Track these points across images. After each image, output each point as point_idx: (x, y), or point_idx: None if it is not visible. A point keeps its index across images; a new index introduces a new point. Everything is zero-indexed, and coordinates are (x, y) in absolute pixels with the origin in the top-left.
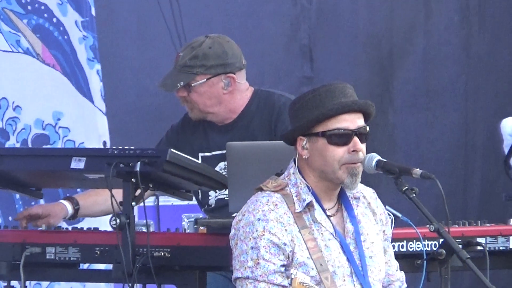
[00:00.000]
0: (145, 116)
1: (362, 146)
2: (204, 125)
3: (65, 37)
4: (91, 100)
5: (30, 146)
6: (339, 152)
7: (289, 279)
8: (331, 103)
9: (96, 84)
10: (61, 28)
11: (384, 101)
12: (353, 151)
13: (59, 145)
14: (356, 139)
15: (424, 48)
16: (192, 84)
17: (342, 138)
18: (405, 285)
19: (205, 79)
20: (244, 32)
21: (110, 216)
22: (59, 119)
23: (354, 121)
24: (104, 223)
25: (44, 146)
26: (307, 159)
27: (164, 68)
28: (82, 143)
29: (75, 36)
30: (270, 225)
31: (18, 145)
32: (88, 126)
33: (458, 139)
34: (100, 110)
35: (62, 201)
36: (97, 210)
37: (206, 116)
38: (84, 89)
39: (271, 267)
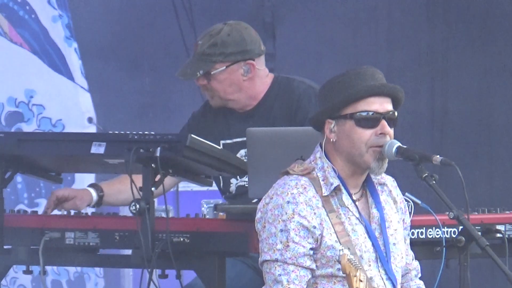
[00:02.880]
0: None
1: (390, 130)
2: (225, 112)
3: (32, 16)
4: (71, 78)
5: (3, 123)
6: (367, 134)
7: (337, 256)
8: (360, 85)
9: (75, 62)
10: (27, 7)
11: None
12: (381, 133)
13: (33, 122)
14: (384, 122)
15: (388, 28)
16: (212, 72)
17: (370, 121)
18: (420, 274)
19: (224, 67)
20: (206, 8)
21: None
22: (31, 97)
23: (382, 104)
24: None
25: (19, 124)
26: (335, 143)
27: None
28: (60, 120)
29: (48, 14)
30: (300, 208)
31: None
32: (67, 103)
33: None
34: (82, 87)
35: (87, 187)
36: (121, 199)
37: (226, 104)
38: (60, 67)
39: (301, 249)
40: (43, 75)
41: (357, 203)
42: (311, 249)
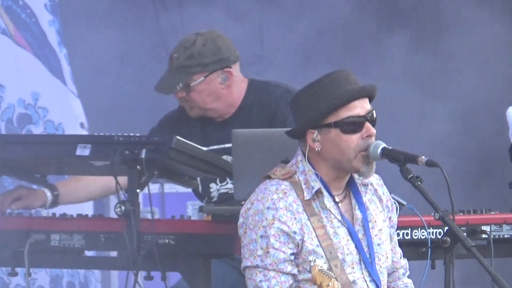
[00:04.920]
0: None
1: (374, 131)
2: (202, 120)
3: (33, 19)
4: (64, 83)
5: (15, 125)
6: (353, 139)
7: (308, 266)
8: (338, 92)
9: (65, 67)
10: (28, 11)
11: None
12: (367, 136)
13: (40, 125)
14: (368, 124)
15: (376, 30)
16: (191, 84)
17: (354, 125)
18: (408, 272)
19: (203, 77)
20: (193, 12)
21: (115, 202)
22: (37, 99)
23: (363, 106)
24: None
25: (29, 125)
26: (319, 151)
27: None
28: (60, 123)
29: (45, 18)
30: (280, 214)
31: (3, 124)
32: (64, 107)
33: (458, 126)
34: (73, 93)
35: (42, 188)
36: (78, 196)
37: (205, 113)
38: (57, 71)
39: (281, 255)
40: (45, 79)
41: (340, 204)
42: (292, 254)
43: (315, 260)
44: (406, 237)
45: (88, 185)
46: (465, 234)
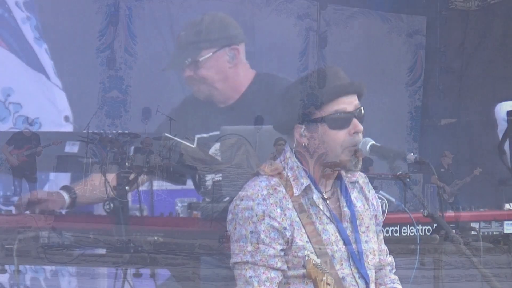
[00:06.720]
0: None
1: (362, 127)
2: (205, 107)
3: (10, 14)
4: (47, 77)
5: None
6: (340, 135)
7: (302, 261)
8: (327, 87)
9: (47, 62)
10: (6, 6)
11: None
12: (354, 132)
13: (9, 120)
14: (355, 121)
15: (367, 25)
16: (200, 59)
17: (342, 121)
18: (395, 269)
19: (211, 53)
20: (185, 6)
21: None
22: (8, 95)
23: (351, 102)
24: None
25: None
26: (307, 146)
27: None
28: (37, 118)
29: (18, 16)
30: (270, 210)
31: None
32: (44, 101)
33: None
34: (57, 86)
35: (59, 190)
36: (95, 197)
37: (212, 95)
38: (37, 66)
39: (271, 251)
40: (20, 73)
41: (328, 201)
42: (281, 250)
43: (309, 254)
44: (395, 234)
45: (103, 185)
46: (454, 231)
